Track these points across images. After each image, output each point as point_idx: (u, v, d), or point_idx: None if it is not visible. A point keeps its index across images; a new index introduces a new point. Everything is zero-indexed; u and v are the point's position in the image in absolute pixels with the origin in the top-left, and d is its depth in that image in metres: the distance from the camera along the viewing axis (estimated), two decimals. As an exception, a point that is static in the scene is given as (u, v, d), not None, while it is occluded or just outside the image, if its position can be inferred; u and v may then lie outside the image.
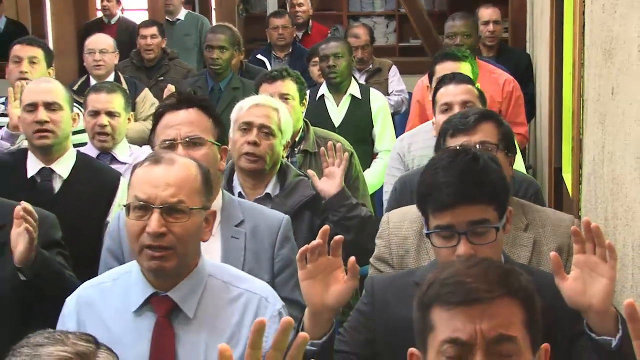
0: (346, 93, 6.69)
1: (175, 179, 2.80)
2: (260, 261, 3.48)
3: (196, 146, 3.45)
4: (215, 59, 7.23)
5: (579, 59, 4.66)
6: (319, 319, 2.66)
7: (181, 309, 2.82)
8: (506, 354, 1.98)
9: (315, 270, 2.66)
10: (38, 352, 2.14)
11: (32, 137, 4.38)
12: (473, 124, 3.48)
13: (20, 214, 3.37)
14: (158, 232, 2.74)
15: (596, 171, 4.05)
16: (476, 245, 2.65)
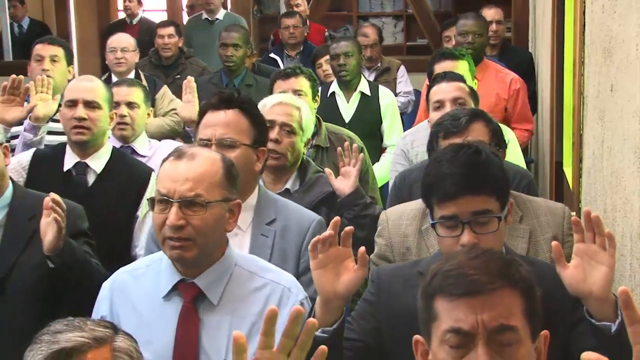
0: (356, 90, 6.71)
1: (193, 174, 2.81)
2: (286, 259, 3.44)
3: (229, 148, 3.41)
4: (229, 56, 7.28)
5: (579, 57, 4.65)
6: (329, 306, 2.65)
7: (206, 296, 2.84)
8: (507, 343, 1.98)
9: (326, 260, 2.65)
10: (56, 338, 2.16)
11: (70, 132, 4.40)
12: (464, 125, 3.48)
13: (49, 204, 3.39)
14: (176, 225, 2.76)
15: (595, 165, 4.05)
16: (479, 235, 2.66)
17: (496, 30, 7.86)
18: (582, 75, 4.58)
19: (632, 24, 3.15)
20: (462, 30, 6.92)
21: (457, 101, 4.41)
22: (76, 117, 4.34)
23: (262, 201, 3.52)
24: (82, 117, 4.34)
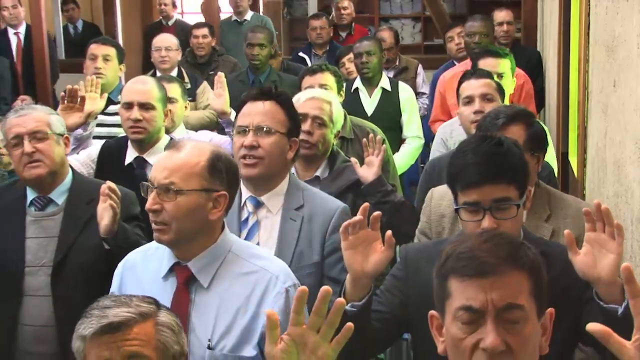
0: (377, 86, 6.70)
1: (172, 164, 2.81)
2: (312, 243, 3.45)
3: (265, 134, 3.41)
4: (255, 54, 7.34)
5: (584, 55, 4.64)
6: (358, 283, 2.67)
7: (197, 278, 2.84)
8: (514, 320, 1.98)
9: (356, 241, 2.67)
10: (105, 313, 2.18)
11: (128, 131, 4.45)
12: (501, 125, 3.44)
13: (105, 191, 3.43)
14: (151, 209, 2.79)
15: (599, 155, 4.05)
16: (499, 220, 2.67)
17: (507, 31, 7.84)
18: (587, 72, 4.56)
19: (633, 25, 3.15)
20: (470, 32, 6.94)
21: (485, 97, 4.37)
22: (132, 118, 4.38)
23: (292, 188, 3.52)
24: (137, 118, 4.38)
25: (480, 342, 1.97)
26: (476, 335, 1.98)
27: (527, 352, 1.99)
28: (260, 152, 3.39)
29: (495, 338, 1.95)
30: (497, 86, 4.51)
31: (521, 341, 1.98)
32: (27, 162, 3.63)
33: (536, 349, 2.04)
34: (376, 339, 2.80)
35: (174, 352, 2.24)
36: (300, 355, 1.98)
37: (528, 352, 2.00)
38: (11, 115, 3.75)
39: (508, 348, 1.96)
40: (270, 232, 3.43)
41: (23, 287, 3.62)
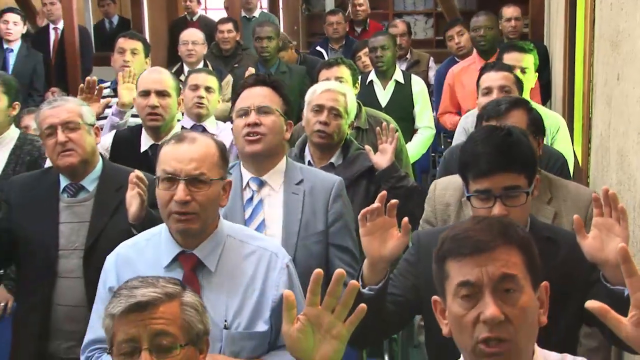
0: (391, 79, 6.72)
1: (197, 155, 2.81)
2: (316, 214, 3.52)
3: (266, 113, 3.50)
4: (264, 47, 7.41)
5: (589, 50, 4.63)
6: (376, 268, 2.68)
7: (204, 264, 2.83)
8: (509, 289, 2.00)
9: (373, 228, 2.67)
10: (133, 293, 2.19)
11: (145, 118, 4.48)
12: (504, 111, 3.48)
13: (133, 180, 3.44)
14: (184, 200, 2.75)
15: (603, 144, 4.04)
16: (509, 207, 2.67)
17: (515, 26, 7.82)
18: (592, 66, 4.55)
19: (637, 20, 3.14)
20: (475, 26, 6.98)
21: (503, 89, 4.39)
22: (150, 105, 4.41)
23: (290, 166, 3.61)
24: (154, 105, 4.41)
25: (480, 315, 1.98)
26: (476, 310, 2.00)
27: (525, 322, 2.00)
28: (262, 129, 3.47)
29: (494, 309, 1.96)
30: (516, 79, 4.52)
31: (519, 311, 1.99)
32: (60, 151, 3.64)
33: (534, 321, 2.05)
34: (390, 320, 2.81)
35: (197, 330, 2.25)
36: (315, 334, 1.99)
37: (527, 323, 2.01)
38: (45, 106, 3.77)
39: (507, 318, 1.97)
40: (275, 208, 3.49)
41: (57, 269, 3.63)
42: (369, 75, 6.78)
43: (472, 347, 2.01)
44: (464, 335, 2.03)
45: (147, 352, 2.14)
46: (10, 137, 4.60)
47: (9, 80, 4.74)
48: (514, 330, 1.98)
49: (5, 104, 4.54)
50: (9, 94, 4.56)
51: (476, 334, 1.99)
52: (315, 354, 1.99)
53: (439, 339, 2.19)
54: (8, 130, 4.60)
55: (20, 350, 3.73)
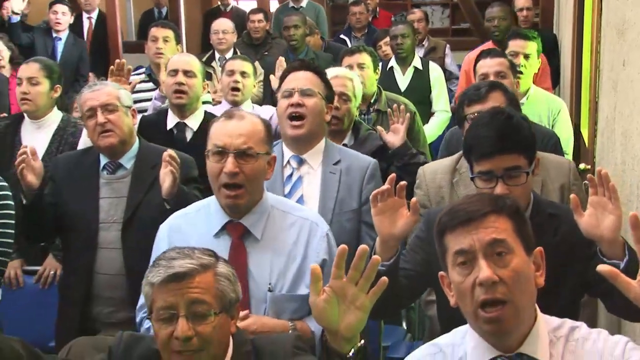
0: (410, 65, 6.71)
1: (245, 130, 2.83)
2: (350, 192, 3.51)
3: (309, 96, 3.51)
4: (291, 35, 7.37)
5: (596, 37, 4.56)
6: (387, 245, 2.66)
7: (251, 232, 2.85)
8: (500, 252, 2.02)
9: (384, 208, 2.66)
10: (171, 264, 2.20)
11: (172, 96, 4.49)
12: (484, 94, 3.44)
13: (166, 158, 3.44)
14: (233, 172, 2.78)
15: (608, 126, 3.99)
16: (510, 186, 2.66)
17: (526, 16, 7.76)
18: (599, 52, 4.49)
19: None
20: (489, 17, 6.95)
21: (499, 74, 4.35)
22: (177, 82, 4.44)
23: (328, 146, 3.60)
24: (181, 82, 4.44)
25: (476, 279, 2.01)
26: (472, 275, 2.02)
27: (519, 283, 2.02)
28: (304, 110, 3.48)
29: (488, 271, 1.99)
30: (510, 64, 4.48)
31: (511, 272, 2.01)
32: (100, 132, 3.65)
33: (530, 282, 2.06)
34: (403, 293, 2.79)
35: (230, 298, 2.25)
36: (340, 305, 1.99)
37: (520, 284, 2.02)
38: (85, 90, 3.78)
39: (501, 280, 2.00)
40: (313, 186, 3.49)
41: (98, 240, 3.65)
42: (390, 62, 6.77)
43: (473, 312, 2.03)
44: (465, 301, 2.05)
45: (184, 318, 2.15)
46: (53, 119, 4.61)
47: (50, 65, 4.76)
48: (508, 290, 2.00)
49: (47, 88, 4.55)
50: (51, 78, 4.58)
51: (475, 297, 2.02)
52: (340, 323, 1.99)
53: (449, 310, 2.20)
54: (51, 113, 4.61)
55: (66, 315, 3.76)
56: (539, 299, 2.14)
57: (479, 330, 2.08)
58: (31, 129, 4.56)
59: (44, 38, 8.10)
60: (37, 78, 4.52)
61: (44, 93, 4.53)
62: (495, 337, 2.06)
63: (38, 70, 4.55)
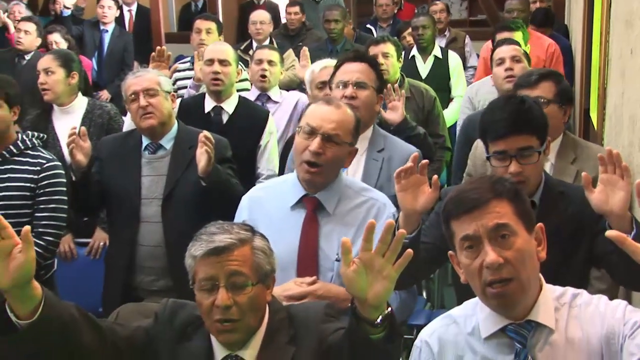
0: (431, 54, 6.69)
1: (337, 118, 2.87)
2: (390, 180, 3.41)
3: (362, 88, 3.50)
4: (332, 28, 7.33)
5: (605, 28, 4.50)
6: (409, 219, 2.64)
7: (324, 207, 2.88)
8: (504, 235, 2.03)
9: (407, 185, 2.64)
10: (212, 238, 2.21)
11: (209, 83, 4.47)
12: (534, 82, 3.41)
13: (202, 139, 3.44)
14: (317, 152, 2.82)
15: (616, 111, 3.93)
16: (523, 165, 2.66)
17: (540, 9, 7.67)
18: (608, 42, 4.42)
19: (649, 1, 3.03)
20: (508, 9, 6.92)
21: (514, 58, 4.42)
22: (213, 71, 4.41)
23: (375, 134, 3.56)
24: (217, 71, 4.42)
25: (483, 262, 2.01)
26: (479, 258, 2.03)
27: (523, 262, 2.02)
28: (357, 102, 3.45)
29: (493, 255, 2.00)
30: (524, 52, 4.56)
31: (515, 252, 2.02)
32: (142, 114, 3.66)
33: (533, 258, 2.06)
34: (423, 265, 2.76)
35: (266, 270, 2.26)
36: (368, 275, 1.99)
37: (524, 262, 2.02)
38: (129, 76, 3.80)
39: (506, 261, 2.00)
40: (356, 170, 3.46)
41: (140, 215, 3.65)
42: (412, 51, 6.74)
43: (482, 290, 2.05)
44: (474, 281, 2.06)
45: (224, 289, 2.17)
46: (79, 104, 4.62)
47: (65, 54, 4.79)
48: (513, 269, 2.00)
49: (63, 76, 4.56)
50: (66, 66, 4.58)
51: (483, 278, 2.02)
52: (368, 292, 1.99)
53: None
54: (76, 99, 4.62)
55: (111, 283, 3.77)
56: (550, 272, 2.14)
57: (488, 305, 2.09)
58: (60, 115, 4.58)
59: (92, 31, 8.14)
60: (52, 68, 4.54)
61: (59, 81, 4.54)
62: (503, 310, 2.07)
63: (52, 61, 4.58)
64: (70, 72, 4.57)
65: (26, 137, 3.78)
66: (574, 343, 2.03)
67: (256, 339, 2.24)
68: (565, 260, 2.26)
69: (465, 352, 2.12)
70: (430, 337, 2.18)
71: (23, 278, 1.95)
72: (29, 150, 3.76)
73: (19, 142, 3.74)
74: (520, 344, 2.05)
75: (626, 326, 1.98)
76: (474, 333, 2.12)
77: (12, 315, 2.00)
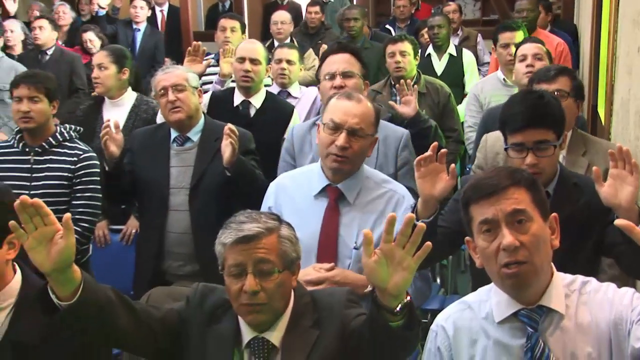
0: (446, 52, 6.65)
1: (360, 112, 2.87)
2: (387, 159, 3.49)
3: (349, 77, 3.51)
4: (352, 26, 7.30)
5: (613, 27, 4.45)
6: (428, 205, 2.64)
7: (345, 196, 2.88)
8: (521, 220, 2.03)
9: (426, 172, 2.63)
10: (241, 227, 2.21)
11: (239, 80, 4.45)
12: (553, 76, 3.39)
13: (227, 131, 3.43)
14: (344, 146, 2.84)
15: (623, 107, 3.88)
16: (539, 157, 2.63)
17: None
18: (615, 41, 4.37)
19: (656, 1, 2.98)
20: (518, 9, 6.80)
21: (536, 55, 4.38)
22: (244, 69, 4.39)
23: None
24: (247, 69, 4.39)
25: (500, 245, 2.01)
26: (496, 241, 2.02)
27: (537, 246, 2.02)
28: (346, 90, 3.40)
29: (510, 237, 2.00)
30: (546, 50, 4.50)
31: (531, 237, 2.02)
32: (170, 108, 3.66)
33: (547, 244, 2.06)
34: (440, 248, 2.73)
35: (291, 258, 2.26)
36: (389, 266, 1.98)
37: (538, 247, 2.02)
38: (159, 72, 3.81)
39: (522, 244, 2.00)
40: None
41: (168, 204, 3.65)
42: (428, 49, 6.71)
43: (497, 272, 2.04)
44: (490, 263, 2.05)
45: (251, 275, 2.17)
46: (128, 99, 4.66)
47: (117, 50, 4.82)
48: (528, 253, 2.00)
49: (114, 71, 4.60)
50: (118, 62, 4.62)
51: (499, 260, 2.02)
52: (388, 281, 1.98)
53: None
54: (126, 93, 4.66)
55: (142, 268, 3.78)
56: (562, 259, 2.13)
57: (502, 286, 2.08)
58: (110, 107, 4.63)
59: (125, 29, 8.18)
60: (104, 64, 4.60)
61: (111, 76, 4.58)
62: (516, 291, 2.06)
63: (105, 57, 4.63)
64: (121, 68, 4.62)
65: (64, 130, 3.84)
66: (584, 328, 2.03)
67: (282, 322, 2.24)
68: (576, 248, 2.26)
69: (479, 335, 2.11)
70: (446, 322, 2.17)
71: (64, 262, 1.97)
72: (66, 142, 3.81)
73: (57, 134, 3.80)
74: (531, 328, 2.05)
75: (634, 312, 1.97)
76: (488, 318, 2.12)
77: (54, 297, 2.01)
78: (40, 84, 3.73)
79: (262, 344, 2.22)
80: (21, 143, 3.78)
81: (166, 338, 2.27)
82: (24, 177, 3.72)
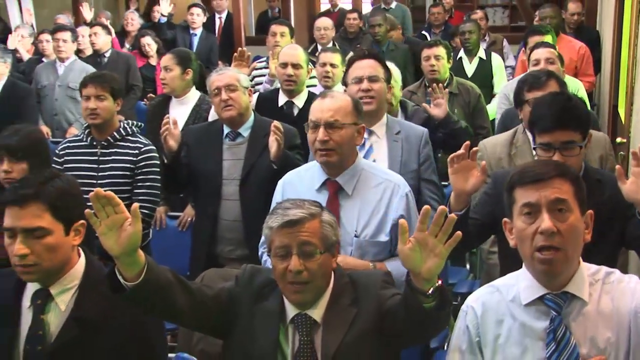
0: (476, 55, 6.57)
1: (332, 106, 2.83)
2: (410, 155, 3.46)
3: (375, 81, 3.47)
4: (376, 32, 7.30)
5: (634, 32, 4.36)
6: (460, 198, 2.62)
7: (344, 189, 2.86)
8: (561, 209, 2.01)
9: (459, 168, 2.61)
10: (287, 212, 2.24)
11: (283, 83, 4.46)
12: (544, 82, 3.29)
13: (273, 128, 3.45)
14: (323, 139, 2.81)
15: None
16: (565, 157, 2.58)
17: (576, 19, 7.51)
18: (636, 45, 4.29)
19: (676, 8, 2.90)
20: (542, 16, 6.76)
21: (548, 60, 4.26)
22: (287, 74, 4.40)
23: (389, 120, 3.54)
24: (290, 74, 4.40)
25: (538, 228, 1.99)
26: (535, 224, 2.01)
27: (572, 236, 2.00)
28: (372, 93, 3.45)
29: (549, 222, 1.98)
30: (558, 54, 4.41)
31: (567, 226, 2.00)
32: (223, 107, 3.68)
33: (580, 237, 2.04)
34: (471, 237, 2.72)
35: (332, 241, 2.28)
36: (422, 253, 1.98)
37: (573, 237, 2.01)
38: (213, 74, 3.83)
39: (558, 231, 1.98)
40: (382, 151, 3.44)
41: (221, 193, 3.67)
42: (459, 53, 6.65)
43: (530, 254, 2.02)
44: (525, 244, 2.03)
45: (296, 256, 2.20)
46: (192, 97, 4.69)
47: (181, 52, 4.86)
48: (563, 240, 1.98)
49: (179, 72, 4.64)
50: (182, 64, 4.65)
51: (534, 243, 2.00)
52: (422, 267, 1.98)
53: (508, 250, 2.19)
54: (190, 92, 4.70)
55: (197, 251, 3.81)
56: (584, 250, 2.10)
57: (533, 270, 2.06)
58: (176, 105, 4.68)
59: (183, 34, 8.27)
60: (169, 66, 4.64)
61: (176, 77, 4.63)
62: (546, 276, 2.04)
63: (170, 59, 4.67)
64: (185, 69, 4.66)
65: (127, 125, 3.86)
66: (605, 314, 2.01)
67: (323, 301, 2.26)
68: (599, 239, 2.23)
69: (505, 316, 2.10)
70: (475, 303, 2.16)
71: (131, 246, 2.00)
72: (129, 136, 3.84)
73: (121, 129, 3.83)
74: (555, 312, 2.04)
75: None
76: (515, 300, 2.10)
77: (121, 278, 2.05)
78: (107, 83, 3.78)
79: (305, 320, 2.24)
80: (89, 137, 3.83)
81: (218, 315, 2.29)
82: (92, 168, 3.77)
